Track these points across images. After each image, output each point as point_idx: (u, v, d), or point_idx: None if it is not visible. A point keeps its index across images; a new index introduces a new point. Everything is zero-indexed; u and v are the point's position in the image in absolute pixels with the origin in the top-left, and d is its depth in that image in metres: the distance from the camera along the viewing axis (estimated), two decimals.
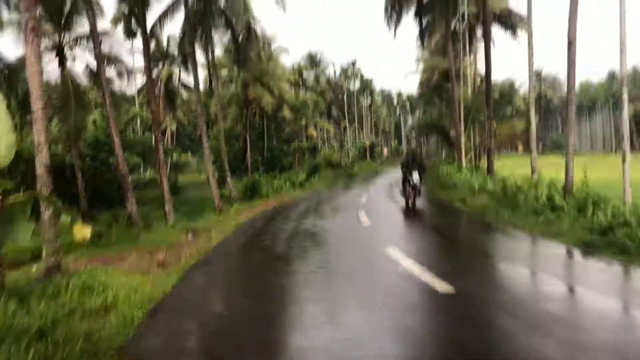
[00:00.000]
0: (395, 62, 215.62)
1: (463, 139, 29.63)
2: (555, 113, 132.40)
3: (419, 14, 30.21)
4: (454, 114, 28.90)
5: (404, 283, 7.50)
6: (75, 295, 7.19)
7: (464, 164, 29.74)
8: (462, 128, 29.42)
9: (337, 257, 9.85)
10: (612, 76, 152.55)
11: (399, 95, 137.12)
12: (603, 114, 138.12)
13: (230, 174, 30.92)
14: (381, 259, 9.13)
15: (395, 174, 49.58)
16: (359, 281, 7.54)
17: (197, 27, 28.87)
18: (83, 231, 13.15)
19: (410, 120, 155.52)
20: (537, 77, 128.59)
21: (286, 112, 50.79)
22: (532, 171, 18.76)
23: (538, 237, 10.86)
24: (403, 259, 8.86)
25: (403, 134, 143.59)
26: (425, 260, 8.71)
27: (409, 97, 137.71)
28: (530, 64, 19.51)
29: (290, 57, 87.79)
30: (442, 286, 6.84)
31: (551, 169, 22.94)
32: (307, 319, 5.83)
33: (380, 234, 12.51)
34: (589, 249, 9.25)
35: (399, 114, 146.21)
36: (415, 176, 16.39)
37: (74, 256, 14.05)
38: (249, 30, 30.33)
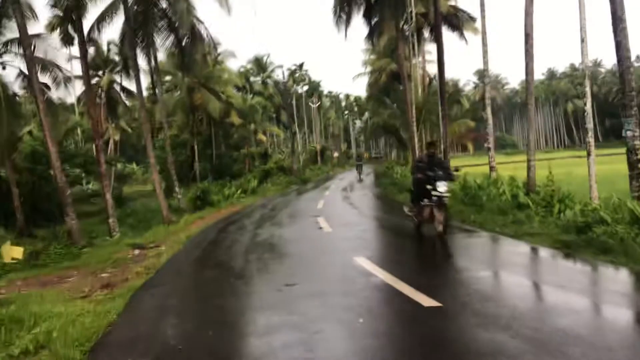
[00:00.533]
0: (342, 65, 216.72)
1: (416, 140, 29.29)
2: (499, 112, 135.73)
3: (367, 15, 29.75)
4: (406, 114, 28.53)
5: (383, 298, 6.72)
6: None
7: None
8: (415, 128, 29.09)
9: (302, 271, 8.97)
10: (551, 74, 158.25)
11: (347, 97, 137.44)
12: (544, 111, 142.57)
13: (179, 183, 29.64)
14: (352, 271, 8.33)
15: (348, 177, 49.51)
16: (332, 299, 6.70)
17: (138, 30, 27.50)
18: (13, 251, 11.87)
19: (358, 123, 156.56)
20: (480, 76, 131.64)
21: (234, 118, 49.52)
22: (490, 169, 18.42)
23: (512, 239, 10.29)
24: (375, 270, 8.09)
25: (352, 137, 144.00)
26: (398, 270, 7.95)
27: (357, 99, 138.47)
28: (485, 62, 19.23)
29: (237, 61, 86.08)
30: (427, 300, 6.11)
31: (504, 167, 22.84)
32: (280, 354, 4.92)
33: (344, 242, 11.71)
34: (569, 250, 8.72)
35: (347, 117, 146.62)
36: (442, 186, 10.47)
37: (7, 279, 12.73)
38: (193, 33, 29.07)
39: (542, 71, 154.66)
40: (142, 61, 32.94)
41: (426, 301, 6.09)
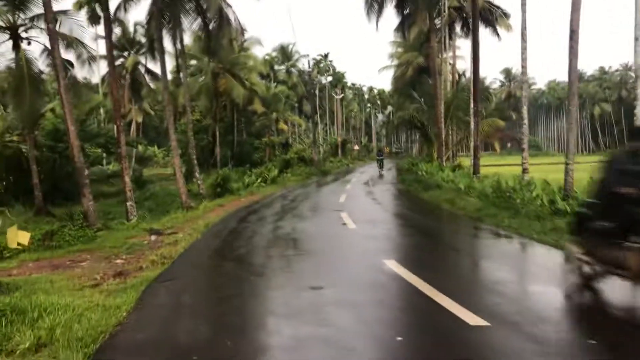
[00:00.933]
0: (366, 58, 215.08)
1: (443, 136, 28.44)
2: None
3: (400, 5, 28.86)
4: (434, 109, 27.68)
5: (421, 312, 6.04)
6: None
7: (443, 163, 28.59)
8: (442, 125, 28.23)
9: (328, 272, 8.29)
10: (579, 76, 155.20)
11: (371, 90, 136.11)
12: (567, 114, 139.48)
13: (199, 169, 29.17)
14: (382, 276, 7.66)
15: (368, 171, 48.66)
16: (365, 310, 6.03)
17: (165, 11, 26.97)
18: (20, 236, 11.36)
19: (380, 117, 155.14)
20: (506, 75, 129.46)
21: (257, 105, 48.98)
22: (523, 171, 17.57)
23: (553, 248, 9.48)
24: (408, 276, 7.41)
25: (373, 130, 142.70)
26: (435, 279, 7.23)
27: (380, 93, 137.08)
28: (524, 58, 18.33)
29: (262, 49, 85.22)
30: (472, 317, 5.41)
31: (532, 169, 21.93)
32: None
33: (371, 241, 11.03)
34: None
35: (370, 110, 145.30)
36: None
37: (19, 260, 12.27)
38: (221, 16, 28.43)
39: (565, 73, 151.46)
40: (167, 43, 32.57)
41: (471, 319, 5.40)
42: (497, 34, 35.30)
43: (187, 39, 43.42)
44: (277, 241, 11.46)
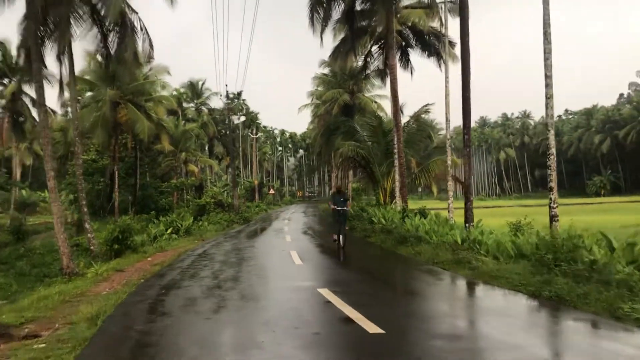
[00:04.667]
0: (276, 102, 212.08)
1: (397, 177, 23.69)
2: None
3: (350, 18, 24.18)
4: (397, 143, 23.03)
5: None
6: None
7: (398, 206, 23.81)
8: (396, 161, 23.57)
9: None
10: (483, 122, 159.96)
11: (282, 133, 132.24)
12: (477, 158, 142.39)
13: (93, 217, 22.73)
14: None
15: (294, 217, 43.15)
16: None
17: (48, 12, 20.77)
18: None
19: (292, 160, 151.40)
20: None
21: (165, 143, 42.51)
22: (551, 220, 12.86)
23: None
24: None
25: (285, 174, 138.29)
26: None
27: (292, 136, 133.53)
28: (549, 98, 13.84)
29: (170, 79, 78.02)
30: None
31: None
32: None
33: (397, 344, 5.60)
34: None
35: (281, 153, 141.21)
36: None
37: None
38: (124, 24, 22.54)
39: (474, 119, 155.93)
40: (52, 63, 26.21)
41: None
42: (445, 63, 31.47)
43: (80, 63, 36.73)
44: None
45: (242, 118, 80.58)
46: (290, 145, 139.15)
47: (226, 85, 72.02)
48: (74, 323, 8.43)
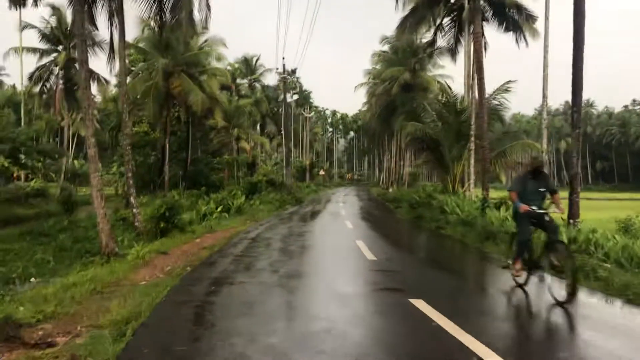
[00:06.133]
0: (326, 83, 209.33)
1: (473, 161, 21.14)
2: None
3: None
4: (474, 122, 20.48)
5: None
6: None
7: (472, 195, 21.33)
8: (473, 146, 21.01)
9: None
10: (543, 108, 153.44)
11: (334, 114, 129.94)
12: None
13: (142, 191, 21.31)
14: None
15: (348, 200, 41.07)
16: None
17: None
18: None
19: (342, 142, 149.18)
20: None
21: (218, 117, 40.82)
22: None
23: None
24: None
25: (335, 155, 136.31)
26: None
27: (343, 117, 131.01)
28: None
29: (225, 54, 76.17)
30: None
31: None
32: None
33: None
34: None
35: (331, 135, 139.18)
36: None
37: None
38: None
39: (535, 106, 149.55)
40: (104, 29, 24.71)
41: None
42: (525, 40, 28.42)
43: (133, 32, 35.34)
44: None
45: (295, 96, 78.52)
46: (341, 127, 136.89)
47: (283, 59, 70.14)
48: (99, 327, 6.54)
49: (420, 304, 7.04)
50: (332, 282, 9.22)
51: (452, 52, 31.58)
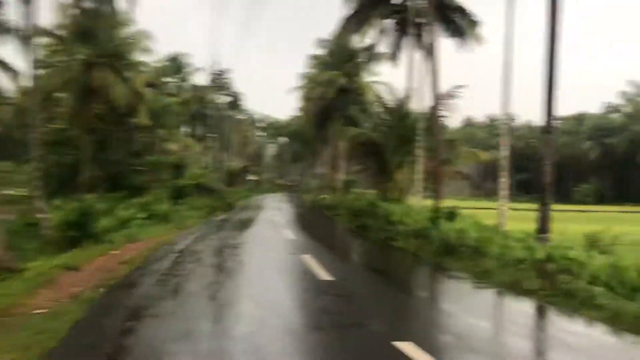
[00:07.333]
0: (258, 89, 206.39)
1: (419, 167, 19.93)
2: None
3: None
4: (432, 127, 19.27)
5: None
6: None
7: (417, 203, 20.13)
8: (421, 152, 19.78)
9: None
10: (469, 122, 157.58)
11: (266, 118, 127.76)
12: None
13: (56, 194, 18.79)
14: None
15: (281, 206, 39.13)
16: None
17: None
18: None
19: (273, 147, 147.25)
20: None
21: (143, 116, 37.94)
22: None
23: None
24: None
25: (265, 161, 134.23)
26: None
27: (274, 122, 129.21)
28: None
29: (154, 49, 70.26)
30: None
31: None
32: None
33: None
34: None
35: (262, 139, 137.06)
36: None
37: None
38: None
39: (457, 119, 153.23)
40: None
41: None
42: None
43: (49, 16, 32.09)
44: None
45: (227, 98, 75.98)
46: (272, 132, 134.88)
47: (215, 55, 67.31)
48: None
49: (411, 350, 5.37)
50: (289, 314, 7.36)
51: (394, 55, 30.58)
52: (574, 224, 20.15)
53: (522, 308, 8.33)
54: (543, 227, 11.60)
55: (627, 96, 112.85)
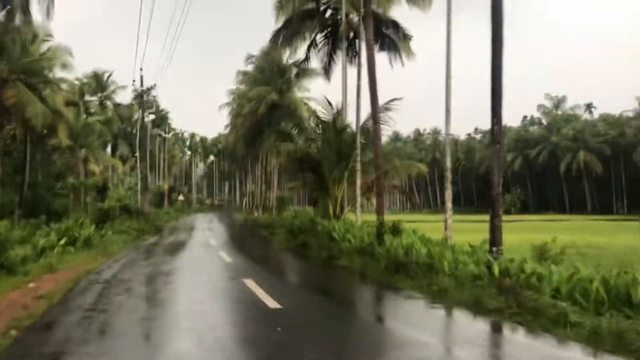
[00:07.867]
0: (184, 107, 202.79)
1: (359, 182, 19.40)
2: None
3: None
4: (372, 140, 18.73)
5: None
6: None
7: (358, 219, 19.59)
8: (359, 166, 19.28)
9: None
10: (395, 136, 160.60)
11: (192, 136, 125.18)
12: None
13: None
14: None
15: (212, 227, 37.82)
16: None
17: None
18: None
19: (200, 166, 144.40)
20: None
21: (62, 135, 35.74)
22: None
23: None
24: None
25: (194, 180, 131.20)
26: None
27: (203, 140, 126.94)
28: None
29: (74, 66, 66.34)
30: None
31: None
32: None
33: None
34: None
35: (190, 158, 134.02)
36: None
37: None
38: None
39: (388, 134, 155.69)
40: None
41: None
42: (401, 59, 27.60)
43: None
44: None
45: (152, 116, 73.50)
46: (200, 150, 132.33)
47: (141, 70, 64.73)
48: None
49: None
50: (239, 354, 6.40)
51: (327, 70, 30.18)
52: (508, 234, 20.18)
53: (492, 331, 7.76)
54: (494, 240, 11.19)
55: (544, 109, 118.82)
